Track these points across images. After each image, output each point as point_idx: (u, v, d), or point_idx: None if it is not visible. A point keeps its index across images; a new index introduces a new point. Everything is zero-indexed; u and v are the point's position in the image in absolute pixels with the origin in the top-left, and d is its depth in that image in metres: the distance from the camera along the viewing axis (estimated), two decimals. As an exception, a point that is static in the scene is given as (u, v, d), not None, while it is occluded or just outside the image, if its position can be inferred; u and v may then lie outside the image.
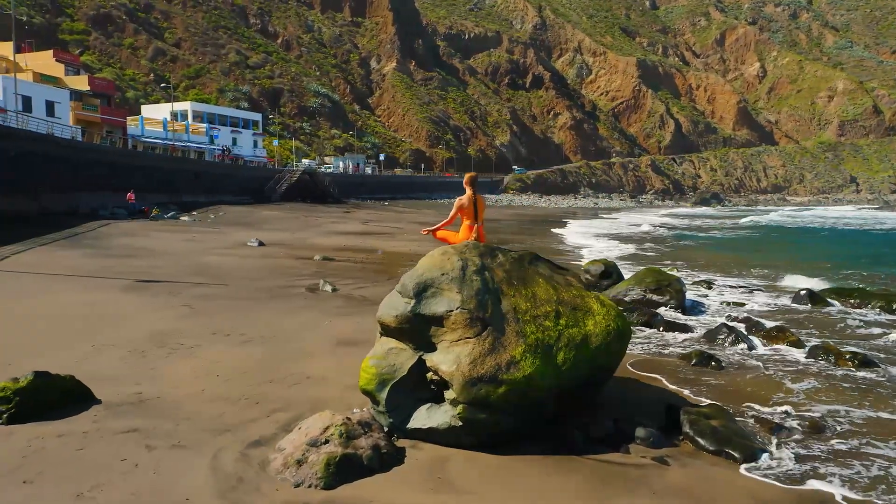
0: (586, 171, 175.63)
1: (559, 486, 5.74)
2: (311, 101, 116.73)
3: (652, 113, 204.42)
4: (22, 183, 33.64)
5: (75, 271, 17.18)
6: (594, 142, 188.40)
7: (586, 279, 18.66)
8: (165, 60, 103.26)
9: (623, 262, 25.31)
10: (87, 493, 5.18)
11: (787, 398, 8.71)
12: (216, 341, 10.42)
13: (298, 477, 5.59)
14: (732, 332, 12.13)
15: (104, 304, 13.20)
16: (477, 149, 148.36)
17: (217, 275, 18.20)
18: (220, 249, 24.81)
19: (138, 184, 44.19)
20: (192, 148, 68.01)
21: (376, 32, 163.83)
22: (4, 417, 6.49)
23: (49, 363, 8.58)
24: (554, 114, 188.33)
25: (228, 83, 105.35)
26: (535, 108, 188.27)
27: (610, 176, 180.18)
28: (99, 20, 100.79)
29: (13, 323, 11.13)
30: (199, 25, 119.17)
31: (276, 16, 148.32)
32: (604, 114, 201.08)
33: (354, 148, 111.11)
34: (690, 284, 19.72)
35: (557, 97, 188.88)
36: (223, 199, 56.18)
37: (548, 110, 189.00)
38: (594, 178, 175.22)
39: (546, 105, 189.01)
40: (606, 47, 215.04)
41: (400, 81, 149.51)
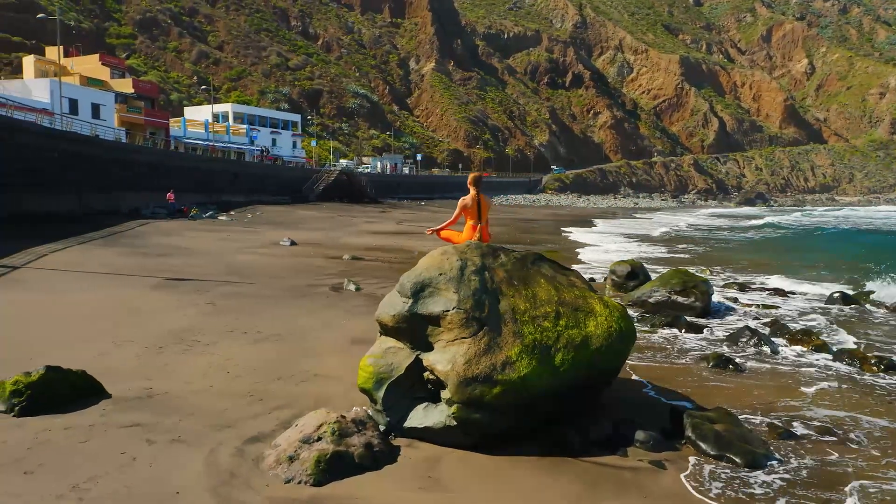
0: (626, 170, 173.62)
1: (548, 487, 5.70)
2: (350, 102, 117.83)
3: (695, 111, 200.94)
4: (66, 183, 34.72)
5: (109, 269, 17.66)
6: (635, 141, 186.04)
7: (612, 280, 18.48)
8: (208, 63, 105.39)
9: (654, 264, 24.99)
10: (83, 485, 5.33)
11: (803, 404, 8.48)
12: (232, 338, 10.60)
13: (289, 473, 5.66)
14: (755, 334, 11.87)
15: (132, 301, 13.53)
16: (515, 148, 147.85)
17: (246, 273, 18.51)
18: (252, 248, 25.20)
19: (179, 184, 45.21)
20: (232, 149, 69.28)
21: (415, 33, 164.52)
22: (16, 410, 6.72)
23: (68, 358, 8.85)
24: (594, 113, 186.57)
25: (269, 85, 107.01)
26: (575, 107, 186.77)
27: (651, 175, 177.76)
28: (145, 24, 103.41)
29: (42, 318, 11.50)
30: (242, 28, 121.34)
31: (316, 18, 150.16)
32: (645, 112, 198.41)
33: (392, 148, 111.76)
34: (721, 286, 19.37)
35: (598, 96, 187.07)
36: (261, 198, 57.13)
37: (588, 109, 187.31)
38: (635, 177, 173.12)
39: (586, 104, 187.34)
40: (648, 45, 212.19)
41: (438, 81, 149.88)
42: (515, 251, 7.71)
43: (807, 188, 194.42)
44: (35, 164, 31.76)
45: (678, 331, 13.00)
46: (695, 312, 14.71)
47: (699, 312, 14.76)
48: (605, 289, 18.27)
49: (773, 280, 21.04)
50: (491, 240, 8.26)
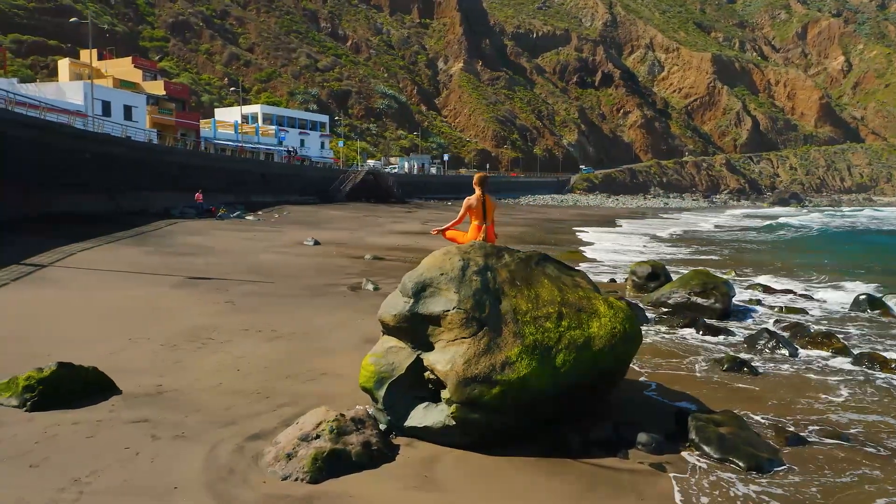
0: (657, 170, 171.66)
1: (543, 488, 5.68)
2: (379, 103, 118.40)
3: (727, 110, 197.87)
4: (98, 184, 35.44)
5: (134, 268, 18.00)
6: (666, 140, 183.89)
7: (633, 281, 18.32)
8: (239, 65, 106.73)
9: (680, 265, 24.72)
10: (84, 479, 5.45)
11: (816, 408, 8.32)
12: (246, 337, 10.74)
13: (287, 470, 5.72)
14: (773, 337, 11.67)
15: (153, 299, 13.78)
16: (543, 148, 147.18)
17: (268, 272, 18.72)
18: (276, 248, 25.47)
19: (208, 184, 45.85)
20: (261, 149, 70.08)
21: (444, 33, 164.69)
22: (28, 405, 6.90)
23: (85, 354, 9.05)
24: (624, 112, 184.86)
25: (298, 86, 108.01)
26: (605, 106, 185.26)
27: (682, 175, 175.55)
28: (177, 27, 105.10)
29: (63, 316, 11.77)
30: (272, 30, 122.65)
31: (345, 19, 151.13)
32: (676, 111, 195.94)
33: (419, 148, 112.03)
34: (745, 288, 19.08)
35: (627, 95, 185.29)
36: (289, 198, 57.66)
37: (617, 108, 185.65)
38: (665, 177, 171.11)
39: (616, 103, 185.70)
40: (680, 43, 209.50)
41: (467, 81, 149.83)
42: (520, 251, 7.69)
43: (843, 188, 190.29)
44: (67, 165, 32.48)
45: (696, 332, 12.84)
46: (715, 314, 14.52)
47: (719, 314, 14.56)
48: (626, 290, 18.13)
49: (799, 282, 20.66)
50: (499, 240, 8.25)
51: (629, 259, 25.26)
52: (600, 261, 25.87)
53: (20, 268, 16.28)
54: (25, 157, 28.85)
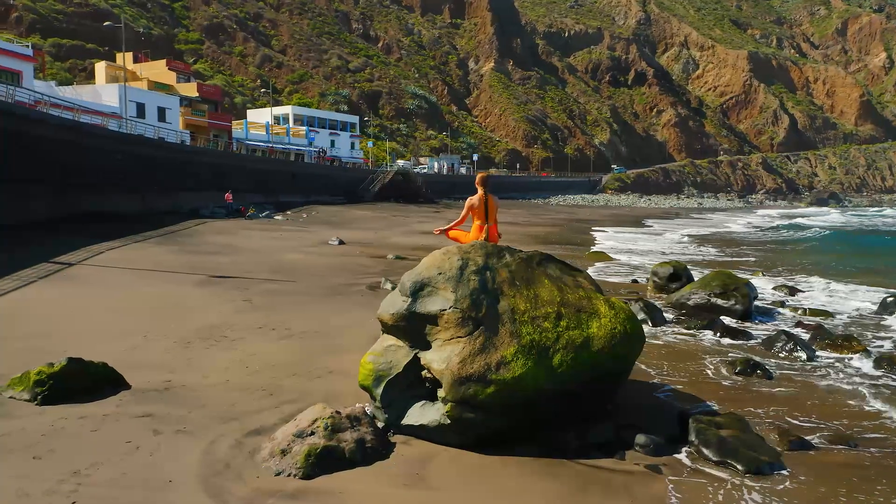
0: (691, 169, 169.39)
1: (533, 489, 5.67)
2: (409, 103, 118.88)
3: (764, 108, 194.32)
4: (129, 184, 36.20)
5: (159, 267, 18.36)
6: (700, 139, 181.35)
7: (654, 282, 18.13)
8: (272, 67, 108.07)
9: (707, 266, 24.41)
10: (84, 471, 5.60)
11: (828, 411, 8.16)
12: (260, 335, 10.89)
13: (280, 466, 5.81)
14: (791, 339, 11.45)
15: (174, 297, 14.05)
16: (575, 148, 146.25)
17: (289, 272, 18.94)
18: (301, 247, 25.74)
19: (238, 185, 46.53)
20: (291, 150, 70.87)
21: (475, 33, 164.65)
22: (39, 398, 7.10)
23: (101, 350, 9.28)
24: (657, 111, 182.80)
25: (329, 87, 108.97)
26: (637, 105, 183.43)
27: (717, 175, 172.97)
28: (212, 30, 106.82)
29: (85, 313, 12.07)
30: (304, 32, 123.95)
31: (377, 20, 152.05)
32: (711, 110, 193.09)
33: (449, 148, 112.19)
34: (771, 289, 18.75)
35: (661, 93, 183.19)
36: (319, 199, 58.23)
37: (651, 107, 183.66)
38: (699, 177, 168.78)
39: (649, 102, 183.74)
40: (715, 41, 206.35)
41: (497, 81, 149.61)
42: (522, 251, 7.68)
43: (884, 187, 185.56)
44: (100, 166, 33.23)
45: (713, 334, 12.66)
46: (735, 315, 14.29)
47: (740, 316, 14.32)
48: (647, 290, 17.96)
49: (827, 284, 20.22)
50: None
51: (655, 260, 25.00)
52: (625, 261, 25.65)
53: (48, 266, 16.73)
54: (59, 158, 29.60)
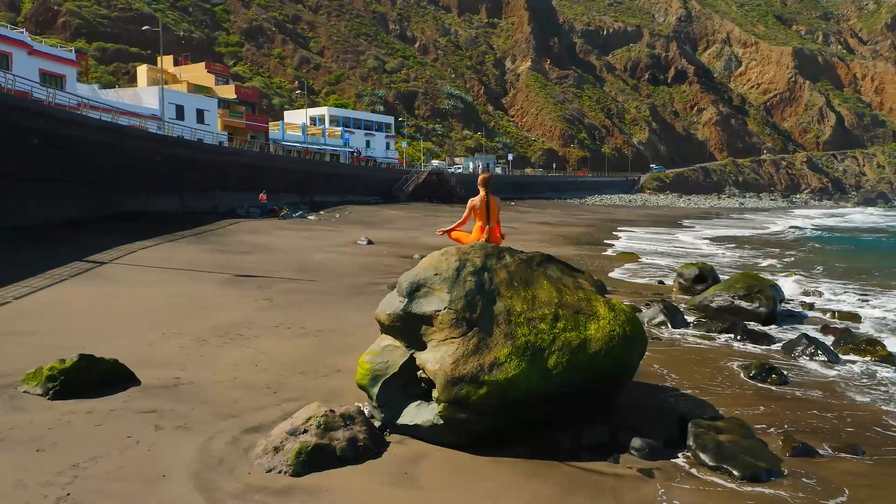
0: (732, 168, 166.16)
1: (519, 490, 5.67)
2: (444, 103, 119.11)
3: (809, 106, 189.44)
4: (168, 184, 37.04)
5: (188, 265, 18.77)
6: (742, 138, 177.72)
7: (679, 283, 17.90)
8: (309, 68, 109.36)
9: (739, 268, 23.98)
10: (83, 464, 5.78)
11: (839, 417, 7.95)
12: (274, 333, 11.06)
13: (272, 463, 5.91)
14: (812, 343, 11.19)
15: (197, 295, 14.35)
16: (612, 147, 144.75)
17: (314, 271, 19.18)
18: (330, 247, 26.02)
19: (274, 185, 47.21)
20: (327, 150, 71.63)
21: (512, 32, 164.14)
22: (50, 393, 7.35)
23: (118, 346, 9.55)
24: (698, 109, 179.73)
25: (366, 88, 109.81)
26: (678, 103, 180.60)
27: (759, 174, 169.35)
28: (251, 32, 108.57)
29: (108, 310, 12.42)
30: (342, 34, 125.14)
31: (414, 21, 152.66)
32: (754, 108, 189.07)
33: (484, 148, 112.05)
34: (800, 292, 18.32)
35: (702, 91, 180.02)
36: (353, 199, 58.75)
37: (691, 106, 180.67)
38: (741, 176, 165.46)
39: (689, 100, 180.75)
40: (758, 37, 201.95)
41: (534, 80, 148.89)
42: (522, 252, 7.67)
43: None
44: (138, 167, 34.07)
45: (733, 337, 12.44)
46: (759, 318, 14.01)
47: (763, 319, 14.03)
48: (673, 292, 17.73)
49: (862, 287, 19.68)
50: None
51: (686, 261, 24.61)
52: (655, 262, 25.34)
53: (81, 264, 17.23)
54: (98, 159, 30.44)
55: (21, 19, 77.38)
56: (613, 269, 22.87)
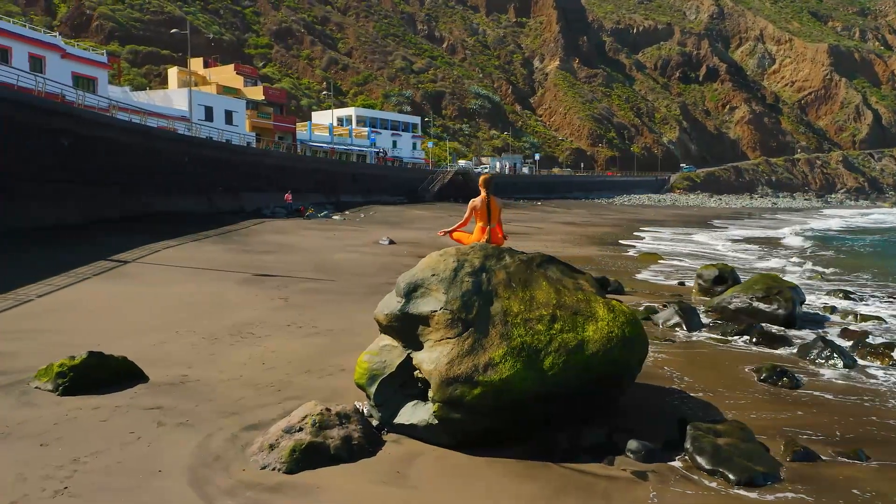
0: (765, 168, 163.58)
1: (508, 491, 5.67)
2: (472, 103, 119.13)
3: (846, 104, 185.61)
4: (195, 185, 37.64)
5: (209, 265, 19.06)
6: (775, 136, 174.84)
7: (699, 285, 17.68)
8: (337, 69, 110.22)
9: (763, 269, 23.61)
10: (83, 458, 5.92)
11: (849, 422, 7.80)
12: (286, 332, 11.19)
13: (266, 460, 5.99)
14: (828, 346, 10.97)
15: (215, 294, 14.57)
16: (642, 146, 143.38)
17: (333, 271, 19.33)
18: (352, 247, 26.20)
19: (300, 185, 47.70)
20: (354, 151, 72.14)
21: (540, 31, 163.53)
22: (60, 389, 7.54)
23: (131, 344, 9.77)
24: (730, 107, 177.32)
25: (393, 88, 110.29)
26: (709, 102, 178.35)
27: (793, 173, 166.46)
28: (280, 34, 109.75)
29: (128, 309, 12.68)
30: (370, 34, 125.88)
31: (442, 21, 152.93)
32: (788, 106, 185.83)
33: (512, 148, 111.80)
34: (825, 294, 17.98)
35: (734, 89, 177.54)
36: (379, 198, 59.09)
37: (723, 104, 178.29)
38: (774, 175, 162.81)
39: (721, 98, 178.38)
40: (793, 34, 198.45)
41: (562, 80, 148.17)
42: (523, 253, 7.67)
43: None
44: (166, 167, 34.68)
45: (749, 340, 12.25)
46: (777, 321, 13.78)
47: (782, 321, 13.79)
48: (692, 293, 17.53)
49: (889, 289, 19.23)
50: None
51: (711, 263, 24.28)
52: (677, 263, 25.05)
53: (105, 263, 17.61)
54: (127, 160, 31.05)
55: (57, 23, 79.24)
56: (635, 269, 22.67)
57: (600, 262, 23.83)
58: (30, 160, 24.82)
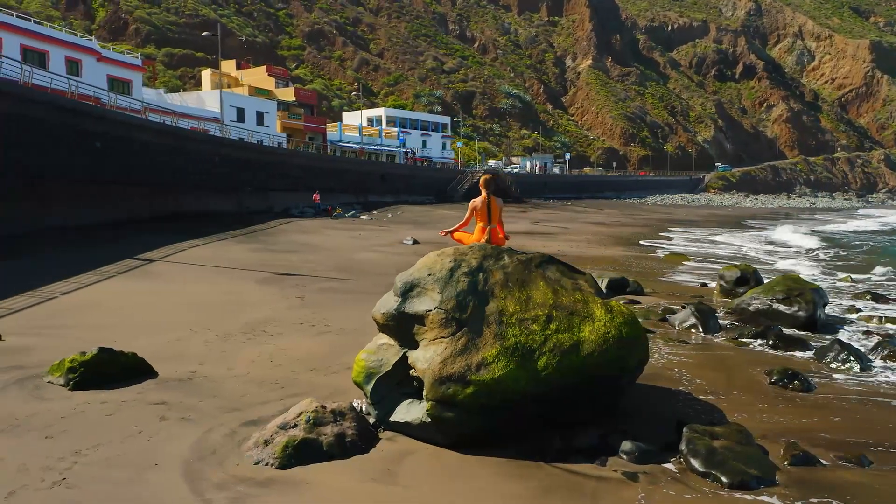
0: (803, 167, 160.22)
1: (496, 490, 5.69)
2: (502, 103, 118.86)
3: (888, 101, 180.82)
4: (225, 185, 38.26)
5: (232, 263, 19.38)
6: (814, 135, 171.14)
7: (721, 285, 17.44)
8: (368, 70, 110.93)
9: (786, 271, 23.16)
10: (84, 451, 6.11)
11: (857, 426, 7.65)
12: (298, 331, 11.35)
13: (260, 455, 6.11)
14: (844, 349, 10.75)
15: (234, 293, 14.83)
16: (676, 145, 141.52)
17: (353, 270, 19.51)
18: (376, 246, 26.38)
19: (329, 185, 48.16)
20: (383, 151, 72.54)
21: (572, 30, 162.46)
22: (71, 384, 7.77)
23: (146, 341, 10.01)
24: (767, 106, 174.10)
25: (424, 88, 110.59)
26: (745, 100, 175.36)
27: (832, 173, 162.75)
28: (313, 36, 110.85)
29: (148, 306, 12.97)
30: (401, 35, 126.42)
31: (474, 21, 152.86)
32: (827, 104, 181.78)
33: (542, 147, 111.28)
34: (852, 296, 17.58)
35: (772, 87, 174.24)
36: (408, 198, 59.34)
37: (760, 102, 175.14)
38: (813, 175, 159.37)
39: (758, 96, 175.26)
40: (833, 30, 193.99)
41: (595, 79, 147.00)
42: (522, 253, 7.67)
43: None
44: (196, 168, 35.32)
45: (765, 342, 12.05)
46: (797, 323, 13.52)
47: (802, 323, 13.53)
48: (714, 294, 17.30)
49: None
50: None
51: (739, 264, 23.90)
52: (704, 265, 24.71)
53: (131, 262, 18.03)
54: (157, 161, 31.70)
55: (95, 27, 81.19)
56: (660, 270, 22.44)
57: (624, 263, 23.62)
58: (63, 161, 25.50)
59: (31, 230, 22.51)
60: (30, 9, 74.20)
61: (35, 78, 26.97)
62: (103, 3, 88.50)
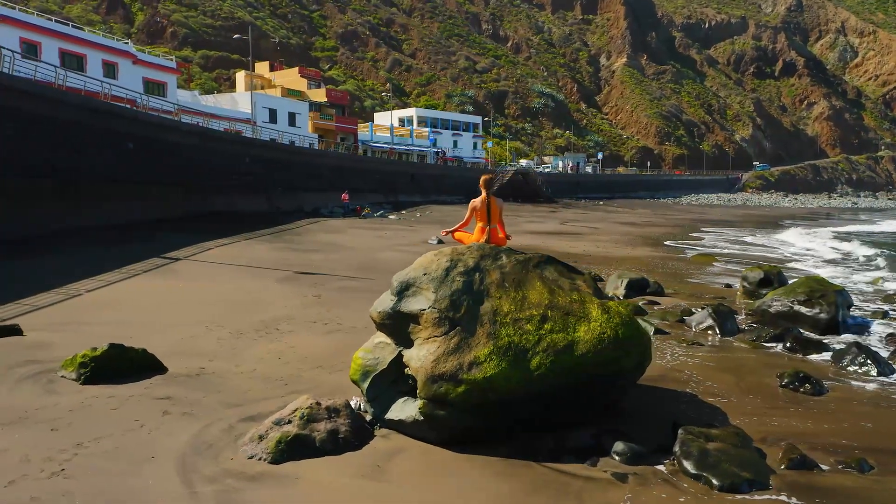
0: (845, 166, 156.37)
1: (482, 489, 5.72)
2: (535, 102, 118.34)
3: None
4: (256, 185, 38.84)
5: (255, 262, 19.69)
6: (857, 133, 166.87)
7: (744, 287, 17.16)
8: (401, 70, 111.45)
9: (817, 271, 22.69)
10: (86, 443, 6.30)
11: (864, 431, 7.49)
12: (309, 329, 11.50)
13: (254, 450, 6.24)
14: (862, 352, 10.52)
15: (253, 291, 15.07)
16: (712, 144, 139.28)
17: (374, 269, 19.65)
18: (400, 246, 26.52)
19: (360, 185, 48.52)
20: (414, 151, 72.84)
21: (607, 28, 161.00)
22: (82, 378, 8.01)
23: (162, 337, 10.27)
24: (808, 103, 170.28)
25: (456, 88, 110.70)
26: (785, 97, 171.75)
27: (876, 172, 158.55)
28: (346, 37, 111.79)
29: (167, 304, 13.27)
30: (434, 35, 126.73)
31: (507, 20, 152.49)
32: (871, 101, 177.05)
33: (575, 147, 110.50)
34: (882, 299, 17.15)
35: (813, 84, 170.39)
36: (437, 198, 59.50)
37: (800, 100, 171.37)
38: (855, 174, 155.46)
39: (798, 94, 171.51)
40: (877, 25, 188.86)
41: (629, 77, 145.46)
42: (521, 253, 7.69)
43: None
44: (227, 168, 35.93)
45: (783, 345, 11.84)
46: (819, 325, 13.24)
47: (824, 325, 13.25)
48: (737, 296, 17.04)
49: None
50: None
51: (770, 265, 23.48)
52: (731, 266, 24.31)
53: (157, 260, 18.45)
54: (189, 161, 32.33)
55: (134, 31, 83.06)
56: (685, 271, 22.15)
57: (650, 264, 23.38)
58: (96, 161, 26.18)
59: (66, 229, 23.16)
60: (71, 13, 76.32)
61: (70, 81, 27.70)
62: (142, 7, 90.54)
